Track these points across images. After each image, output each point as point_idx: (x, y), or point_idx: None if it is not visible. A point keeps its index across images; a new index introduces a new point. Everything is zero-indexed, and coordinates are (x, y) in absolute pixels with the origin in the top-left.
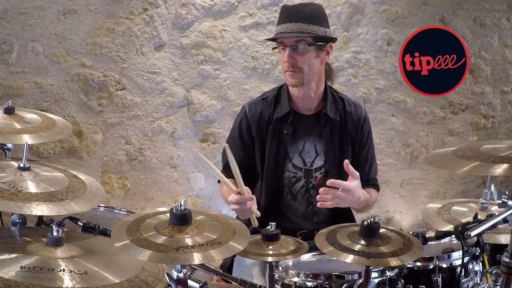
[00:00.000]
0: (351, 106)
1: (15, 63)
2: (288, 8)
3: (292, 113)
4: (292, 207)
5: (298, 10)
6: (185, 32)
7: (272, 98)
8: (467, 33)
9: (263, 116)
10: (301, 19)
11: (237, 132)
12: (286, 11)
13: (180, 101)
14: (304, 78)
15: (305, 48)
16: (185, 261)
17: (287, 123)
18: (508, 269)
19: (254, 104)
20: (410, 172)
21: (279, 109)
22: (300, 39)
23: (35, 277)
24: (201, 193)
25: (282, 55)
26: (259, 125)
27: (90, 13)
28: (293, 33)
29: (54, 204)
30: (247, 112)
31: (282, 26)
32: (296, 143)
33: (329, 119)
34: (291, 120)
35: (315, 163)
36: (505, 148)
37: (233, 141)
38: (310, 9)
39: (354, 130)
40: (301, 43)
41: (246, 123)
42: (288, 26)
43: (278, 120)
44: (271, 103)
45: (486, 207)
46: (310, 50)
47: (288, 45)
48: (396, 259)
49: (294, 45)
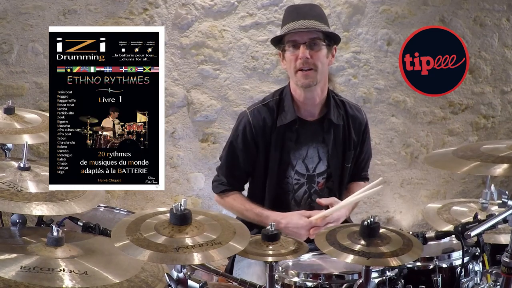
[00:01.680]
0: (353, 109)
1: (15, 63)
2: (298, 7)
3: (298, 120)
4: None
5: (310, 8)
6: (185, 32)
7: (274, 104)
8: (467, 33)
9: (266, 123)
10: (313, 17)
11: (241, 140)
12: (296, 9)
13: (180, 101)
14: (317, 78)
15: (319, 45)
16: (185, 261)
17: (292, 131)
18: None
19: (256, 111)
20: (410, 172)
21: (283, 116)
22: (316, 35)
23: (35, 277)
24: (201, 193)
25: (293, 54)
26: (263, 133)
27: (90, 13)
28: (309, 28)
29: (54, 204)
30: (251, 120)
31: (295, 23)
32: (300, 150)
33: (333, 124)
34: (296, 127)
35: (318, 168)
36: (505, 148)
37: (237, 147)
38: (318, 9)
39: (356, 134)
40: (316, 40)
41: (250, 130)
42: (302, 23)
43: (282, 128)
44: (274, 109)
45: (486, 207)
46: (323, 48)
47: (302, 42)
48: (396, 259)
49: (309, 42)
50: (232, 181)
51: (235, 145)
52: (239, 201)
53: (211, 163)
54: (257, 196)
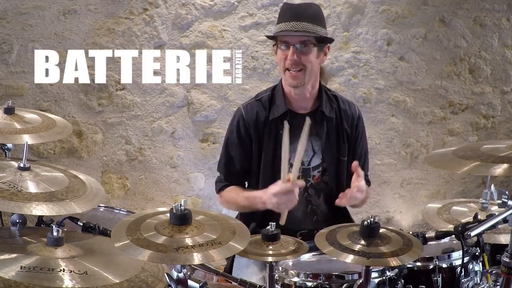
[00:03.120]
0: (345, 103)
1: (15, 63)
2: (292, 7)
3: (289, 113)
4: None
5: (304, 9)
6: (185, 32)
7: (267, 99)
8: (467, 33)
9: (259, 117)
10: (306, 18)
11: (236, 134)
12: (290, 9)
13: (180, 101)
14: (305, 79)
15: (309, 48)
16: (185, 261)
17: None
18: (508, 269)
19: (249, 106)
20: (410, 172)
21: (274, 109)
22: (306, 39)
23: (35, 277)
24: (201, 193)
25: (284, 53)
26: (256, 126)
27: (90, 13)
28: (299, 32)
29: (54, 204)
30: (244, 114)
31: (287, 24)
32: (293, 143)
33: (325, 117)
34: (288, 120)
35: (312, 162)
36: (505, 148)
37: (232, 143)
38: (313, 10)
39: (349, 127)
40: (306, 42)
41: (244, 125)
42: (293, 24)
43: (274, 121)
44: (266, 104)
45: (486, 207)
46: (313, 50)
47: (292, 43)
48: (396, 259)
49: (299, 44)
50: (229, 176)
51: (230, 140)
52: (233, 192)
53: (211, 163)
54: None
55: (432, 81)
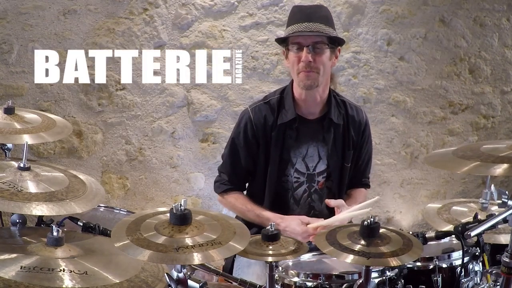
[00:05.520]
0: (353, 109)
1: (15, 63)
2: (304, 8)
3: (298, 119)
4: (295, 212)
5: (315, 10)
6: (185, 32)
7: (276, 102)
8: (467, 33)
9: (267, 120)
10: (319, 19)
11: (243, 137)
12: (301, 11)
13: (180, 101)
14: (319, 80)
15: (322, 49)
16: (185, 261)
17: (292, 129)
18: (508, 269)
19: (258, 108)
20: (410, 172)
21: (283, 114)
22: (319, 39)
23: (35, 277)
24: (201, 193)
25: (296, 55)
26: (264, 130)
27: (90, 13)
28: (313, 32)
29: (54, 204)
30: (252, 117)
31: (300, 25)
32: (300, 148)
33: (333, 123)
34: (296, 126)
35: (317, 167)
36: (505, 148)
37: (238, 145)
38: (324, 11)
39: (356, 134)
40: (320, 43)
41: (251, 128)
42: (307, 25)
43: (282, 126)
44: (275, 107)
45: (486, 207)
46: (326, 51)
47: (305, 44)
48: (396, 259)
49: (312, 45)
50: (233, 179)
51: (236, 142)
52: (240, 201)
53: (211, 163)
54: (257, 194)
55: (432, 81)
